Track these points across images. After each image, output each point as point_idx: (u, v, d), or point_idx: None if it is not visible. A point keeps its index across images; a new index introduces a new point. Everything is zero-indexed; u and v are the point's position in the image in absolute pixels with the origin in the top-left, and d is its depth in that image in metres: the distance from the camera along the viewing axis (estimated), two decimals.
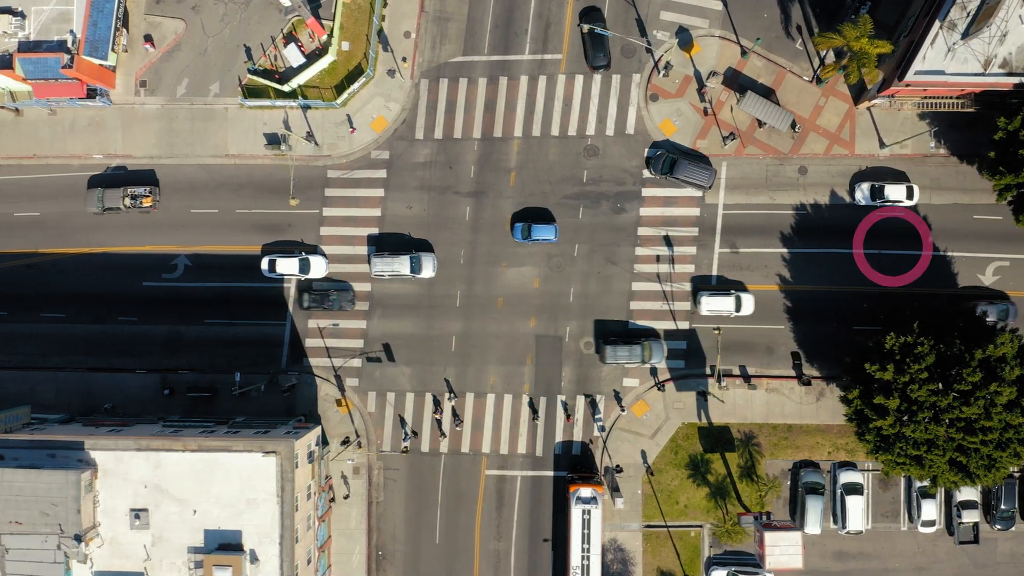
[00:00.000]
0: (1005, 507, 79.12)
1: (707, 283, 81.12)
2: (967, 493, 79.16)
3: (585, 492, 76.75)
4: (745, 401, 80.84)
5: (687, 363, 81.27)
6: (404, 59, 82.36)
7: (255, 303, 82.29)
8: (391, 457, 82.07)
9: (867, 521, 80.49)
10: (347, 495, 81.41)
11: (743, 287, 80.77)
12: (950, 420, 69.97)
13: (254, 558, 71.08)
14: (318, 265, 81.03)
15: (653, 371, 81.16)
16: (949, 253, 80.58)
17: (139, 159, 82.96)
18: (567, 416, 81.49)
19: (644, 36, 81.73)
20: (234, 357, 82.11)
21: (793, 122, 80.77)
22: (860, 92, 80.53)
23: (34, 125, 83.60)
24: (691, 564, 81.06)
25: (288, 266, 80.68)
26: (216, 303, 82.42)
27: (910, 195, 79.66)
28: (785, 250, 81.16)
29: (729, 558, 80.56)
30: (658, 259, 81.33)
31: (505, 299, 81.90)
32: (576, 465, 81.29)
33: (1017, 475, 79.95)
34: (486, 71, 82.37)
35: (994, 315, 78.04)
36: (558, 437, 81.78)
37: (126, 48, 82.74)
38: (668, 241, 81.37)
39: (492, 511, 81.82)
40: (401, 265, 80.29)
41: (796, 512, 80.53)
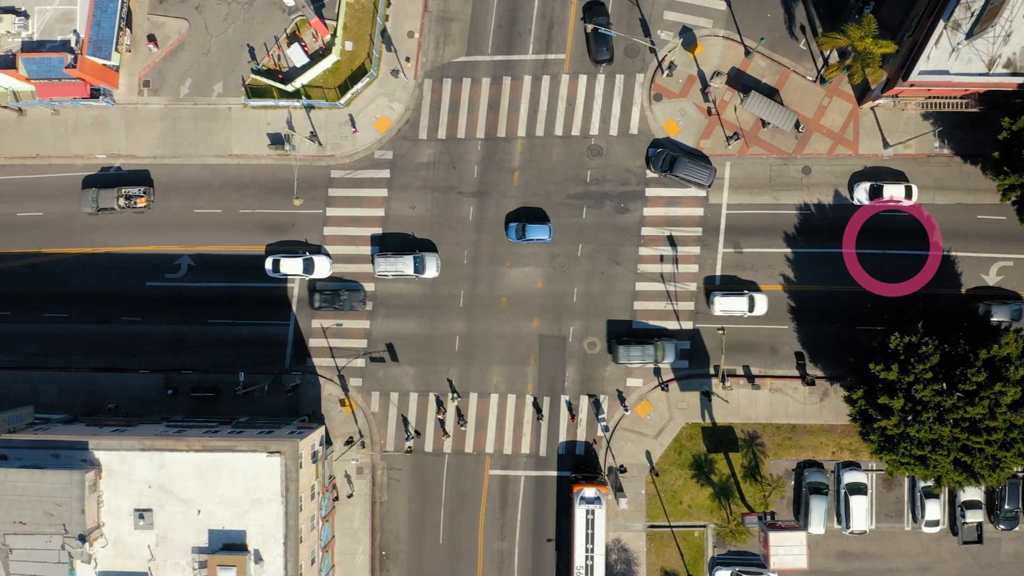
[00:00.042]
0: (1009, 507, 79.04)
1: (712, 283, 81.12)
2: (971, 493, 79.08)
3: (589, 492, 76.70)
4: (749, 401, 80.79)
5: (691, 363, 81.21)
6: (408, 59, 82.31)
7: (259, 303, 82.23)
8: (395, 457, 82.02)
9: (871, 521, 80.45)
10: (351, 494, 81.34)
11: (756, 287, 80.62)
12: (954, 420, 69.93)
13: (258, 558, 71.02)
14: (322, 265, 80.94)
15: (657, 371, 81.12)
16: (953, 253, 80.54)
17: (142, 159, 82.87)
18: (571, 416, 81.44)
19: (648, 36, 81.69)
20: (238, 357, 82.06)
21: (797, 122, 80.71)
22: (864, 92, 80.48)
23: (37, 125, 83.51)
24: (695, 564, 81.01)
25: (292, 266, 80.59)
26: (220, 303, 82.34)
27: (908, 195, 79.62)
28: (789, 250, 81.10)
29: (733, 558, 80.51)
30: (662, 259, 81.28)
31: (509, 299, 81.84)
32: (580, 465, 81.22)
33: (1021, 475, 79.82)
34: (490, 71, 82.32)
35: (1006, 315, 78.00)
36: (562, 437, 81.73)
37: (129, 48, 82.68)
38: (672, 241, 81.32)
39: (496, 511, 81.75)
40: (405, 265, 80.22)
41: (800, 512, 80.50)
